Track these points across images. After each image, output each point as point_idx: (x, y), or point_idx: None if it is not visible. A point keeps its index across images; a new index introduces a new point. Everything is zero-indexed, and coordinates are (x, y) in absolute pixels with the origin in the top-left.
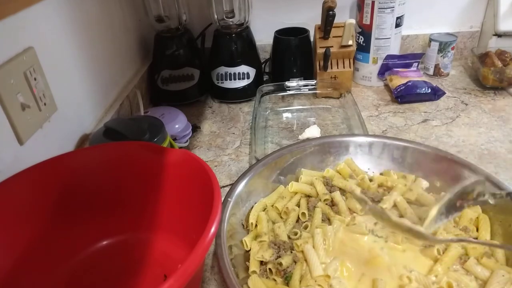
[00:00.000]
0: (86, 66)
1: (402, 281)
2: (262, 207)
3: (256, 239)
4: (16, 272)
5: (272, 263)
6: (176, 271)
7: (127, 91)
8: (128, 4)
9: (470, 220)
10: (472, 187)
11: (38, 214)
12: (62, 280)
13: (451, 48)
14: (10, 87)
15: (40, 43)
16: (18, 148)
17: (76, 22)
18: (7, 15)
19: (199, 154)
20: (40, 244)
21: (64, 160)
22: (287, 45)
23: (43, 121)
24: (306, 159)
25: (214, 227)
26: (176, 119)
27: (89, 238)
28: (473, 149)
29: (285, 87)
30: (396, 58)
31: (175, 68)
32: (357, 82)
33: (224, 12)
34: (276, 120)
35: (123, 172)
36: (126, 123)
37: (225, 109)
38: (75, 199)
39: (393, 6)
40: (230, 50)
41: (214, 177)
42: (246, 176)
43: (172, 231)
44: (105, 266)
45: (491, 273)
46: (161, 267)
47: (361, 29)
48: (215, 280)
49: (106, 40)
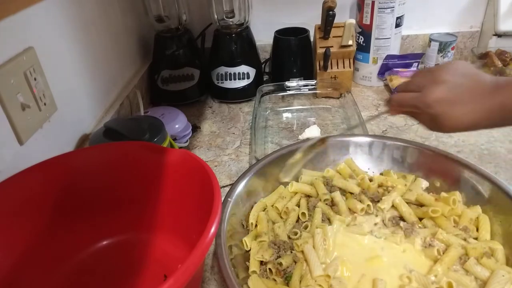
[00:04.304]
0: (86, 66)
1: (402, 281)
2: (262, 207)
3: (256, 239)
4: (16, 272)
5: (272, 263)
6: (176, 271)
7: (127, 91)
8: (128, 4)
9: (470, 220)
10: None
11: (38, 214)
12: (62, 280)
13: (451, 48)
14: (10, 87)
15: (40, 43)
16: (18, 148)
17: (76, 22)
18: (7, 15)
19: (199, 154)
20: (40, 244)
21: (64, 160)
22: (287, 45)
23: (43, 121)
24: (305, 159)
25: (214, 227)
26: (176, 119)
27: (89, 238)
28: (473, 149)
29: (285, 87)
30: (396, 58)
31: (175, 68)
32: (357, 82)
33: (224, 12)
34: (276, 120)
35: (123, 172)
36: (126, 123)
37: (225, 109)
38: (75, 199)
39: (393, 6)
40: (230, 50)
41: (214, 177)
42: (246, 176)
43: (172, 231)
44: (105, 266)
45: (491, 273)
46: (161, 267)
47: (361, 29)
48: (215, 280)
49: (106, 40)
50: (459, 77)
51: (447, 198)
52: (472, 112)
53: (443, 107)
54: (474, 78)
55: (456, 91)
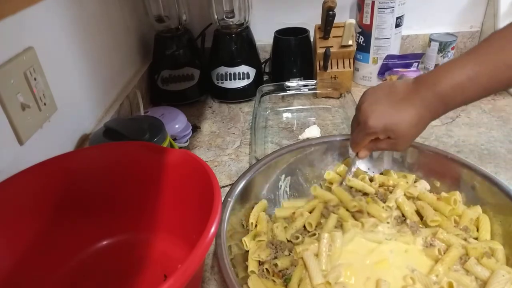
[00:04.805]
0: (86, 66)
1: (405, 282)
2: (263, 208)
3: (255, 239)
4: (16, 272)
5: (269, 263)
6: (176, 271)
7: (127, 91)
8: (128, 4)
9: (470, 220)
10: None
11: (38, 214)
12: (62, 280)
13: (451, 48)
14: (10, 87)
15: (40, 43)
16: (18, 148)
17: (76, 22)
18: (7, 15)
19: (199, 154)
20: (40, 244)
21: (64, 160)
22: (287, 45)
23: (43, 121)
24: (306, 159)
25: (214, 227)
26: (176, 119)
27: (89, 238)
28: (473, 149)
29: (285, 87)
30: (396, 58)
31: (175, 68)
32: (357, 82)
33: (224, 12)
34: (276, 120)
35: (123, 172)
36: (126, 123)
37: (225, 109)
38: (75, 199)
39: (393, 6)
40: (230, 50)
41: (214, 177)
42: (246, 176)
43: (172, 231)
44: (105, 266)
45: (491, 273)
46: (161, 267)
47: (361, 29)
48: (215, 280)
49: (106, 40)
50: (374, 90)
51: (448, 198)
52: (404, 111)
53: (373, 109)
54: (388, 84)
55: (374, 96)
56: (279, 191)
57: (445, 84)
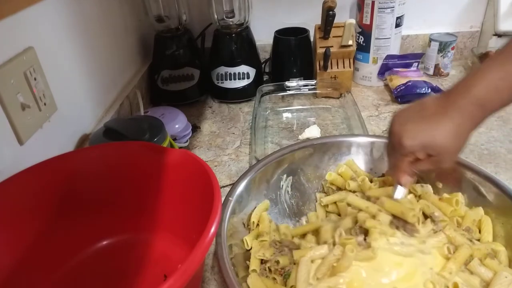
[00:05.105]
0: (86, 66)
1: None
2: (265, 207)
3: (257, 239)
4: (16, 272)
5: (271, 262)
6: (176, 271)
7: (127, 91)
8: (128, 4)
9: (473, 221)
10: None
11: (38, 214)
12: (62, 280)
13: (451, 48)
14: (10, 87)
15: (40, 43)
16: (18, 148)
17: (76, 22)
18: (7, 15)
19: (199, 154)
20: (40, 244)
21: (64, 160)
22: (287, 45)
23: (43, 121)
24: (306, 159)
25: (214, 227)
26: (176, 119)
27: (89, 238)
28: (473, 149)
29: (285, 87)
30: (396, 58)
31: (175, 68)
32: (357, 82)
33: (224, 12)
34: (276, 120)
35: (123, 172)
36: (126, 123)
37: (225, 109)
38: (75, 199)
39: (393, 6)
40: (230, 50)
41: (214, 177)
42: (247, 176)
43: (172, 231)
44: (105, 266)
45: (494, 274)
46: (161, 267)
47: (361, 29)
48: (215, 280)
49: (106, 40)
50: (403, 110)
51: (450, 199)
52: (445, 125)
53: (405, 129)
54: (417, 102)
55: (404, 116)
56: (280, 191)
57: (478, 88)
